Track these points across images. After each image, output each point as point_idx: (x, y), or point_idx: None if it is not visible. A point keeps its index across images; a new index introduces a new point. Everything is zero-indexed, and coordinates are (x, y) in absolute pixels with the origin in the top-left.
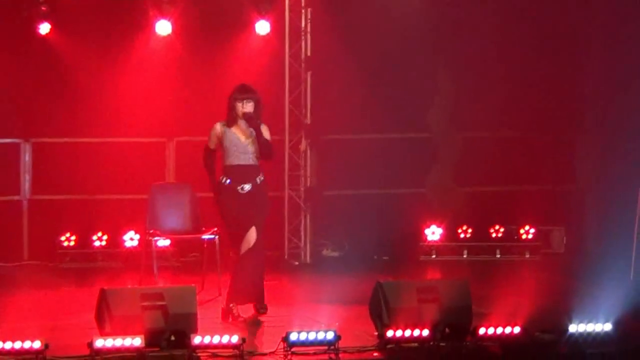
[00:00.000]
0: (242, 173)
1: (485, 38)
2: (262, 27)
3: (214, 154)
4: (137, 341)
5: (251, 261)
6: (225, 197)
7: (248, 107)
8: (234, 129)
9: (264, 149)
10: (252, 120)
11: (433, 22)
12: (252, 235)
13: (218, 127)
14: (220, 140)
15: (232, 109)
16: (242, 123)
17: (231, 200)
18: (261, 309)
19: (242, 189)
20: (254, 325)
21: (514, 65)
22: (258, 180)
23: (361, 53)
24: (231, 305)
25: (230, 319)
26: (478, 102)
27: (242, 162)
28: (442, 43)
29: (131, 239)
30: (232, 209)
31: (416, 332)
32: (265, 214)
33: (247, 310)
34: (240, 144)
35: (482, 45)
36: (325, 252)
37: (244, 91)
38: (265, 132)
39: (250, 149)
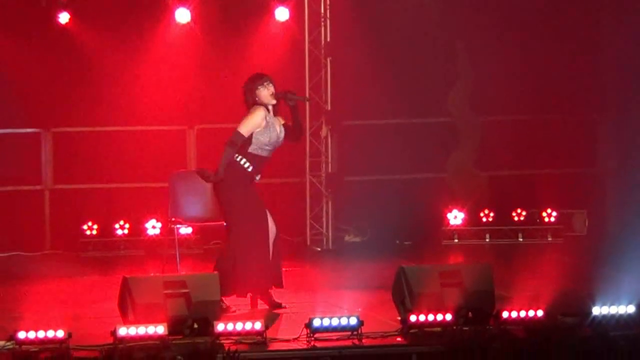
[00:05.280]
0: (261, 164)
1: (504, 20)
2: (282, 13)
3: (240, 142)
4: (160, 329)
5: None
6: (244, 182)
7: (271, 88)
8: (273, 120)
9: (300, 129)
10: (292, 95)
11: (452, 6)
12: (272, 223)
13: (263, 113)
14: (259, 130)
15: (255, 102)
16: (271, 110)
17: (249, 187)
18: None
19: (258, 178)
20: (277, 311)
21: (533, 47)
22: None
23: (381, 38)
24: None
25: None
26: (498, 85)
27: (265, 155)
28: (461, 27)
29: (153, 227)
30: (250, 195)
31: (439, 317)
32: None
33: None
34: (277, 137)
35: (501, 27)
36: (347, 238)
37: (259, 76)
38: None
39: (281, 141)
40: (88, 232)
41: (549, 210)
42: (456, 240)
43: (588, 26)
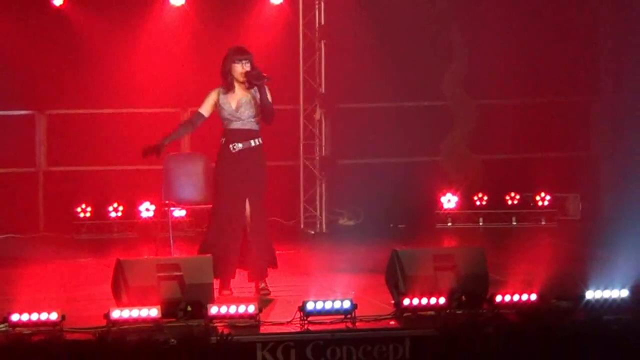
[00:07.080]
0: (235, 135)
1: (499, 4)
2: None
3: (198, 121)
4: (153, 312)
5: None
6: (220, 158)
7: (246, 67)
8: (228, 96)
9: (267, 110)
10: (258, 77)
11: None
12: (248, 210)
13: (213, 95)
14: (217, 108)
15: (228, 72)
16: (238, 87)
17: (225, 163)
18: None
19: (234, 147)
20: (271, 295)
21: (527, 31)
22: (252, 143)
23: (375, 21)
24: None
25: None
26: (493, 69)
27: (237, 127)
28: (456, 10)
29: (147, 209)
30: (226, 172)
31: (432, 300)
32: (263, 183)
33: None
34: (231, 110)
35: (496, 11)
36: (341, 221)
37: (240, 52)
38: (268, 93)
39: (245, 114)
40: (82, 215)
41: (542, 194)
42: (450, 224)
43: (582, 10)
